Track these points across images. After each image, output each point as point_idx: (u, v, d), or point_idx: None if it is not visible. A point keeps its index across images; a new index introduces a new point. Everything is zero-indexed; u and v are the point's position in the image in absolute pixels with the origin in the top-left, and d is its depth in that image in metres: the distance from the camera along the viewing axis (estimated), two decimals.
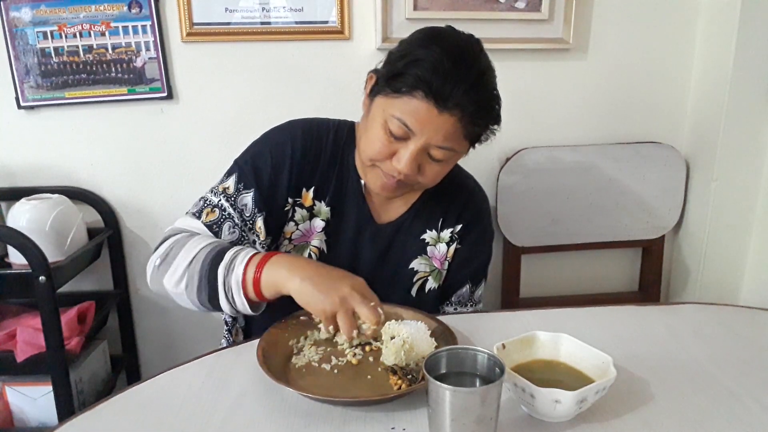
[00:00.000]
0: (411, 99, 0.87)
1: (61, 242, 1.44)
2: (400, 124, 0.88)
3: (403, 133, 0.89)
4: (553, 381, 0.73)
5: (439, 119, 0.87)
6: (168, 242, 0.94)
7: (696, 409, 0.74)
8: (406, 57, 0.88)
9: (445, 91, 0.85)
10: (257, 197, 0.99)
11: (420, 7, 1.56)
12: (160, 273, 0.92)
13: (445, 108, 0.86)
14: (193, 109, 1.60)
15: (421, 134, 0.88)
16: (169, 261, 0.91)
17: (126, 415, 0.75)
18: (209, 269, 0.87)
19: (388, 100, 0.90)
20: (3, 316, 1.50)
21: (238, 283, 0.86)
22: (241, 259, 0.87)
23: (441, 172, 0.96)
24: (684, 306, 1.07)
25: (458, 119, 0.87)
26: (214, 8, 1.53)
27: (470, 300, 1.14)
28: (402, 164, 0.90)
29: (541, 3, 1.59)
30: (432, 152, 0.91)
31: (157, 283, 0.94)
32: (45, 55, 1.52)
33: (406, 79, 0.87)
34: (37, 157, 1.60)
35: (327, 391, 0.78)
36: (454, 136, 0.89)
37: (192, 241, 0.92)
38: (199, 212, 0.99)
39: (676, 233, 1.84)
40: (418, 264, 1.08)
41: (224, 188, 1.00)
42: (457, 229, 1.09)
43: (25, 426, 1.47)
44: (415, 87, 0.86)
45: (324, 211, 1.04)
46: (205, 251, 0.89)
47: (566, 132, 1.74)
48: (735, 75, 1.57)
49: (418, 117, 0.87)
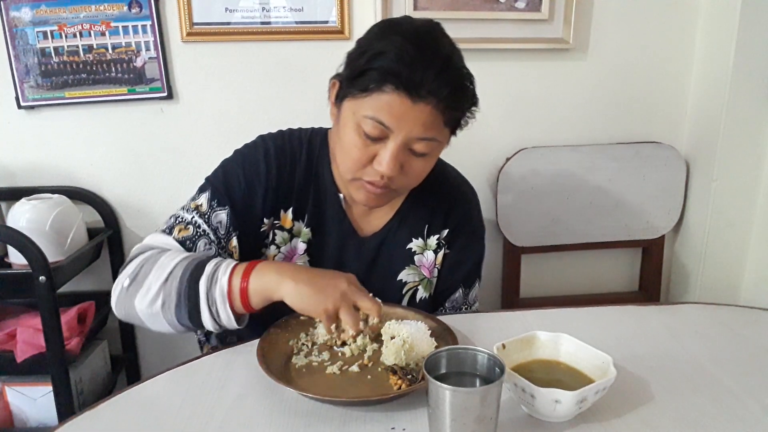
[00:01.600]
0: (381, 95, 0.82)
1: (61, 242, 1.44)
2: (375, 123, 0.83)
3: (380, 132, 0.84)
4: (553, 381, 0.73)
5: (415, 110, 0.82)
6: (136, 261, 0.88)
7: (696, 409, 0.74)
8: (366, 53, 0.84)
9: (416, 79, 0.80)
10: (231, 215, 0.94)
11: (420, 7, 1.56)
12: (129, 295, 0.86)
13: (418, 97, 0.81)
14: (193, 109, 1.60)
15: (399, 129, 0.83)
16: (140, 280, 0.85)
17: (126, 415, 0.75)
18: (189, 284, 0.82)
19: (357, 102, 0.85)
20: (3, 316, 1.50)
21: (224, 295, 0.82)
22: (224, 270, 0.83)
23: (425, 167, 0.91)
24: (684, 306, 1.07)
25: (434, 106, 0.82)
26: (214, 8, 1.52)
27: (464, 303, 1.10)
28: (384, 166, 0.85)
29: (541, 3, 1.59)
30: (414, 147, 0.86)
31: (125, 306, 0.87)
32: (45, 54, 1.52)
33: (371, 75, 0.82)
34: (37, 157, 1.60)
35: (327, 391, 0.78)
36: (434, 124, 0.84)
37: (164, 257, 0.86)
38: (170, 228, 0.93)
39: (676, 233, 1.84)
40: (407, 275, 1.04)
41: (197, 205, 0.95)
42: (444, 235, 1.05)
43: (25, 426, 1.47)
44: (384, 81, 0.81)
45: (304, 232, 1.00)
46: (182, 265, 0.84)
47: (566, 132, 1.73)
48: (735, 75, 1.57)
49: (393, 112, 0.82)
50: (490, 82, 1.65)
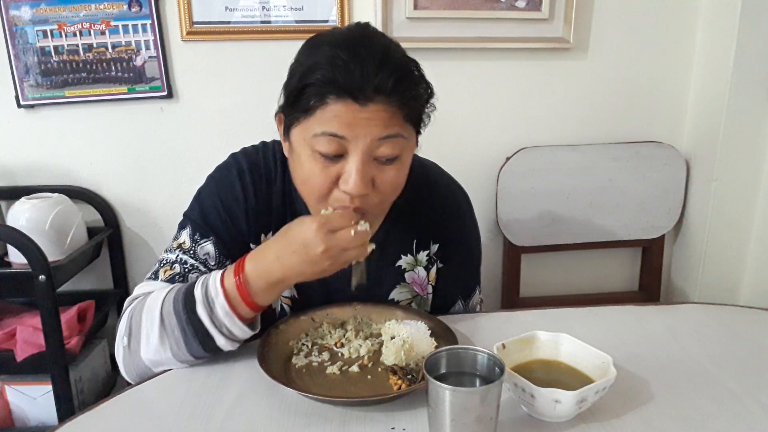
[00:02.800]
0: (325, 108, 0.75)
1: (61, 241, 1.44)
2: (329, 138, 0.75)
3: (337, 147, 0.76)
4: (553, 381, 0.73)
5: (366, 112, 0.74)
6: (125, 317, 0.84)
7: (696, 409, 0.74)
8: (294, 75, 0.79)
9: (355, 81, 0.73)
10: (218, 244, 0.89)
11: (420, 6, 1.56)
12: (133, 351, 0.82)
13: (365, 98, 0.74)
14: (193, 108, 1.60)
15: (356, 137, 0.75)
16: (136, 333, 0.81)
17: (126, 415, 0.75)
18: (188, 316, 0.78)
19: (303, 125, 0.78)
20: (3, 315, 1.50)
21: (227, 312, 0.78)
22: (214, 287, 0.79)
23: (399, 175, 0.82)
24: (684, 306, 1.07)
25: (385, 103, 0.75)
26: (214, 7, 1.52)
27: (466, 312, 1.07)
28: (351, 184, 0.76)
29: (542, 2, 1.59)
30: (379, 152, 0.77)
31: (134, 365, 0.83)
32: (45, 53, 1.52)
33: (308, 92, 0.75)
34: (37, 157, 1.60)
35: (327, 391, 0.78)
36: (392, 121, 0.76)
37: (149, 300, 0.82)
38: (155, 273, 0.89)
39: (676, 233, 1.84)
40: (398, 294, 0.99)
41: (179, 244, 0.89)
42: (434, 250, 0.99)
43: (25, 425, 1.47)
44: (323, 94, 0.74)
45: None
46: (169, 300, 0.80)
47: (566, 132, 1.73)
48: (735, 75, 1.57)
49: (343, 121, 0.74)
50: (490, 81, 1.65)
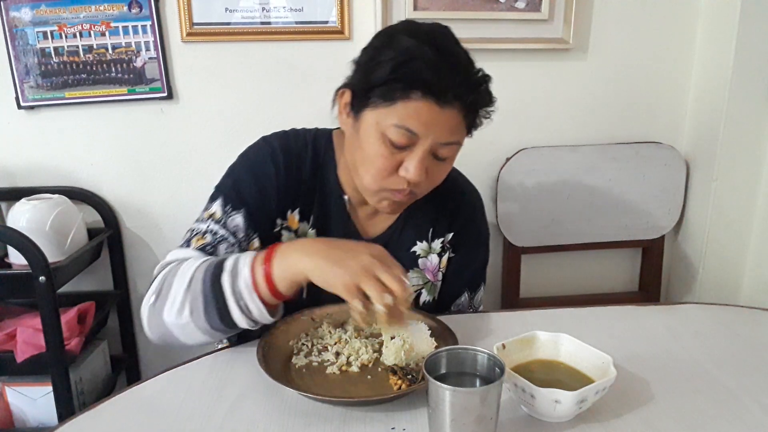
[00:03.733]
0: (407, 102, 0.82)
1: (61, 242, 1.44)
2: (403, 131, 0.83)
3: (407, 140, 0.84)
4: (553, 381, 0.73)
5: (443, 115, 0.83)
6: (158, 278, 0.87)
7: (696, 409, 0.74)
8: (384, 63, 0.83)
9: (443, 85, 0.81)
10: (248, 218, 0.93)
11: (420, 7, 1.56)
12: (157, 311, 0.84)
13: (446, 102, 0.82)
14: (193, 109, 1.60)
15: (427, 136, 0.83)
16: (165, 294, 0.84)
17: (126, 415, 0.75)
18: (212, 284, 0.80)
19: (380, 112, 0.84)
20: (3, 316, 1.50)
21: (249, 286, 0.79)
22: (244, 261, 0.80)
23: (445, 171, 0.92)
24: (684, 306, 1.07)
25: (459, 110, 0.84)
26: (214, 8, 1.52)
27: (470, 307, 1.11)
28: (412, 173, 0.85)
29: (541, 3, 1.59)
30: (438, 152, 0.86)
31: (156, 325, 0.85)
32: (45, 55, 1.52)
33: (396, 84, 0.81)
34: (37, 157, 1.60)
35: (327, 391, 0.78)
36: (458, 128, 0.86)
37: (184, 266, 0.85)
38: (187, 242, 0.92)
39: (676, 233, 1.84)
40: (410, 278, 1.03)
41: (210, 214, 0.93)
42: (449, 238, 1.05)
43: (25, 426, 1.47)
44: (410, 89, 0.81)
45: (310, 233, 0.99)
46: (202, 269, 0.82)
47: (566, 132, 1.74)
48: (735, 75, 1.57)
49: (421, 119, 0.82)
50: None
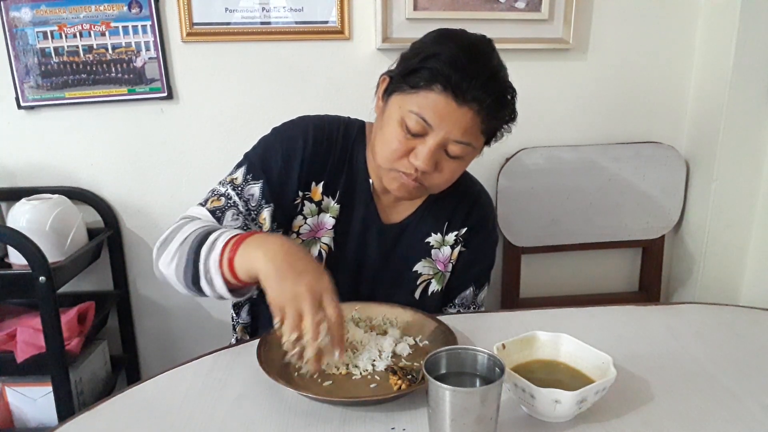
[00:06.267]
0: (429, 93, 0.87)
1: (61, 242, 1.44)
2: (418, 119, 0.88)
3: (421, 129, 0.89)
4: (553, 381, 0.73)
5: (458, 113, 0.87)
6: (172, 227, 0.94)
7: (696, 409, 0.74)
8: (420, 54, 0.89)
9: (463, 84, 0.85)
10: (265, 189, 0.99)
11: (420, 7, 1.56)
12: (158, 255, 0.92)
13: (463, 101, 0.86)
14: (193, 109, 1.60)
15: (440, 128, 0.88)
16: (167, 244, 0.91)
17: (126, 415, 0.75)
18: (194, 250, 0.84)
19: (404, 97, 0.90)
20: (3, 316, 1.50)
21: (216, 263, 0.81)
22: (223, 239, 0.82)
23: (457, 170, 0.96)
24: (684, 306, 1.07)
25: (476, 112, 0.87)
26: (214, 8, 1.52)
27: (473, 303, 1.14)
28: (420, 160, 0.90)
29: (541, 3, 1.59)
30: (450, 148, 0.91)
31: (156, 266, 0.93)
32: (45, 55, 1.52)
33: (422, 73, 0.87)
34: (37, 157, 1.60)
35: (327, 391, 0.78)
36: (472, 130, 0.90)
37: (189, 225, 0.91)
38: (205, 200, 0.99)
39: (676, 233, 1.84)
40: (422, 267, 1.08)
41: (232, 179, 1.00)
42: (462, 233, 1.09)
43: (25, 426, 1.47)
44: (433, 81, 0.86)
45: (334, 207, 1.03)
46: (197, 232, 0.87)
47: (566, 132, 1.73)
48: (735, 75, 1.57)
49: (437, 111, 0.87)
50: None
